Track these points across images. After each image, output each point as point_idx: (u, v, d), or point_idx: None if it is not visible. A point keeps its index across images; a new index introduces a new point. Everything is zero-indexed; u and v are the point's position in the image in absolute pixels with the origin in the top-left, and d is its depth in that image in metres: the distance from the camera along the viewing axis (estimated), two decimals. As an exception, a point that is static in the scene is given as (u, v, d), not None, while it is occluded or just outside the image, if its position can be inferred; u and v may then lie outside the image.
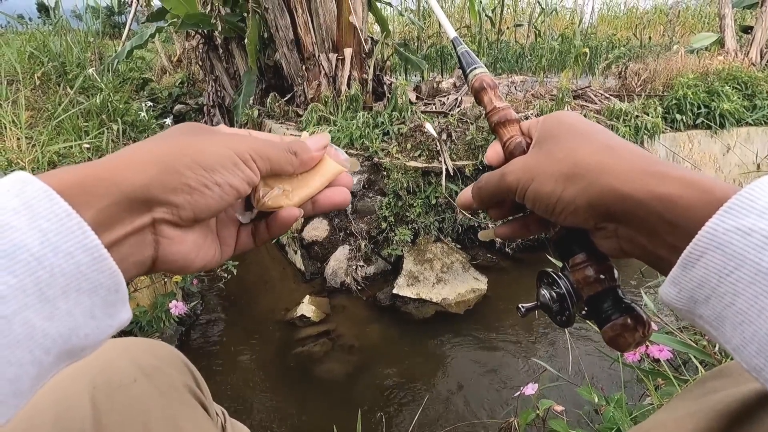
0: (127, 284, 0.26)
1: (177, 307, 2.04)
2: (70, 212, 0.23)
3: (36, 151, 1.84)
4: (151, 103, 4.21)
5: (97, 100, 2.64)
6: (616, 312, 0.35)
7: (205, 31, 4.43)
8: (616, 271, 0.37)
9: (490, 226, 2.83)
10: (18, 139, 1.89)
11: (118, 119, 2.62)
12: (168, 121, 3.65)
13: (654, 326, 1.07)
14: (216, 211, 0.30)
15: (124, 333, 2.05)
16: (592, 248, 0.36)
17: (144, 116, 3.06)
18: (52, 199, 0.23)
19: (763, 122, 4.21)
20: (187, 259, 0.30)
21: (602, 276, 0.36)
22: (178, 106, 5.75)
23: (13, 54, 2.82)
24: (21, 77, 2.54)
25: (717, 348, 0.97)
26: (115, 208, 0.25)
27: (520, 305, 0.43)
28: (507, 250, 3.19)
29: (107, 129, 2.41)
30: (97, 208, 0.24)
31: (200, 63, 4.93)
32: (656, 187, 0.28)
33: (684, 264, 0.26)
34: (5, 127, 1.95)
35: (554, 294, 0.39)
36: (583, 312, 0.38)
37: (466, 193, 0.42)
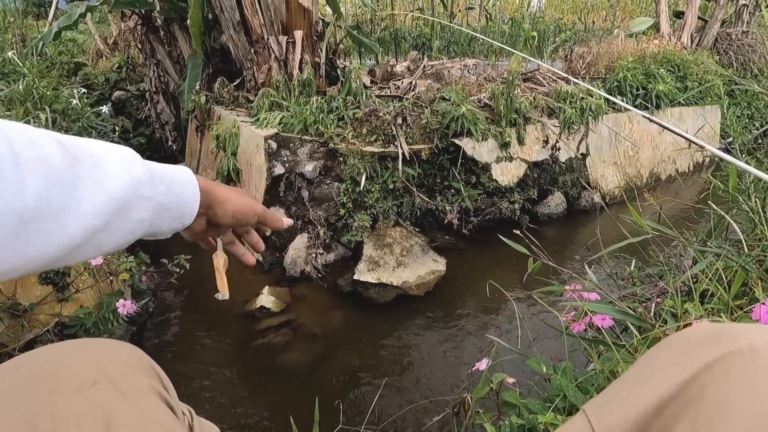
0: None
1: (125, 306, 1.93)
2: (197, 185, 0.59)
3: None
4: (85, 90, 3.88)
5: (20, 87, 2.40)
6: None
7: (143, 11, 4.13)
8: None
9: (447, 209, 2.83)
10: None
11: (46, 107, 2.39)
12: (105, 108, 3.40)
13: (597, 297, 1.14)
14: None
15: (68, 337, 1.92)
16: None
17: (77, 104, 2.83)
18: (194, 183, 0.59)
19: (693, 102, 4.54)
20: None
21: None
22: (117, 93, 5.36)
23: None
24: (-75, 61, 2.26)
25: (652, 314, 1.05)
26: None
27: None
28: (464, 231, 3.27)
29: (34, 118, 2.20)
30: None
31: (139, 46, 4.60)
32: None
33: None
34: None
35: None
36: None
37: None
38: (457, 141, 3.20)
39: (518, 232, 1.50)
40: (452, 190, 3.28)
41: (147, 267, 2.29)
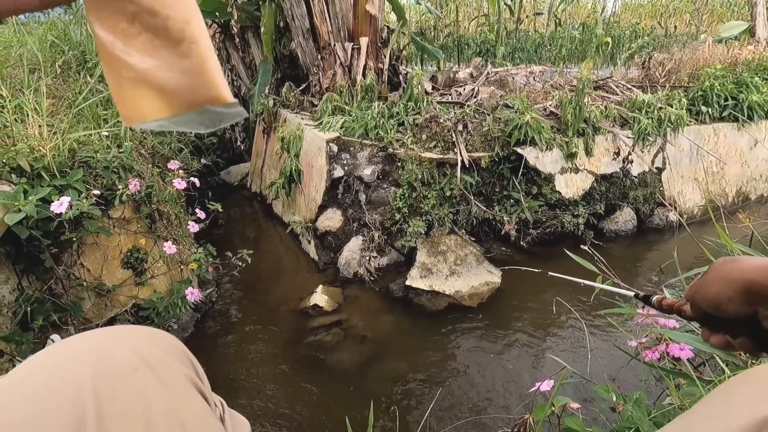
0: None
1: (193, 294, 2.07)
2: None
3: (57, 138, 1.87)
4: (169, 92, 4.25)
5: (116, 89, 2.67)
6: None
7: (222, 20, 4.44)
8: None
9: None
10: (39, 126, 1.93)
11: (136, 108, 2.65)
12: (185, 110, 3.70)
13: (675, 324, 1.04)
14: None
15: (142, 318, 2.09)
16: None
17: (161, 105, 3.09)
18: None
19: (794, 115, 4.04)
20: None
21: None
22: (194, 96, 5.80)
23: (35, 43, 2.87)
24: (42, 65, 2.58)
25: (741, 348, 0.94)
26: None
27: None
28: (522, 243, 3.15)
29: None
30: None
31: (216, 52, 4.94)
32: None
33: None
34: (27, 115, 1.99)
35: None
36: None
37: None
38: (519, 150, 3.10)
39: (585, 247, 1.42)
40: (511, 200, 3.18)
41: (213, 259, 2.44)
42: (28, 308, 1.70)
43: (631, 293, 0.67)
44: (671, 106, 3.51)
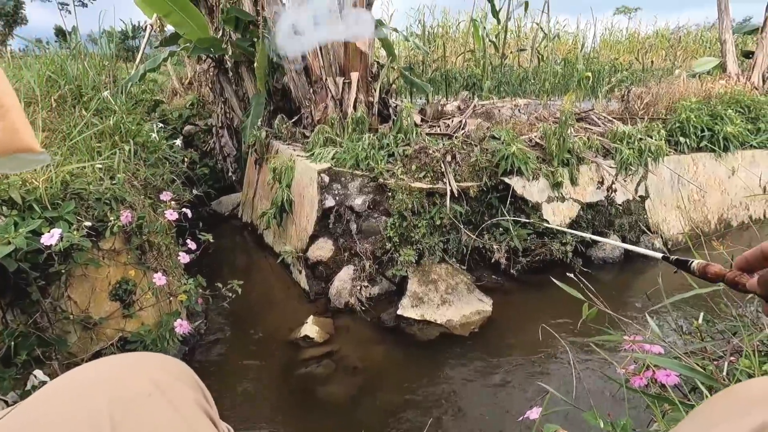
0: None
1: (182, 326, 2.04)
2: None
3: (50, 170, 1.89)
4: (162, 125, 4.30)
5: (111, 122, 2.71)
6: None
7: (216, 55, 4.57)
8: None
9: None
10: (33, 159, 1.94)
11: (130, 140, 2.68)
12: (178, 141, 3.75)
13: (660, 350, 1.06)
14: None
15: (130, 351, 2.05)
16: None
17: (155, 137, 3.13)
18: None
19: (767, 145, 4.23)
20: None
21: None
22: (187, 127, 5.87)
23: (32, 77, 2.92)
24: (39, 99, 2.62)
25: (725, 373, 0.96)
26: None
27: None
28: (512, 272, 3.18)
29: (119, 150, 2.46)
30: None
31: (210, 85, 5.06)
32: None
33: None
34: (21, 148, 2.01)
35: None
36: None
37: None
38: (506, 179, 3.18)
39: (572, 275, 1.45)
40: (500, 229, 3.23)
41: (203, 289, 2.42)
42: (12, 342, 1.66)
43: (659, 255, 0.60)
44: (651, 137, 3.66)
